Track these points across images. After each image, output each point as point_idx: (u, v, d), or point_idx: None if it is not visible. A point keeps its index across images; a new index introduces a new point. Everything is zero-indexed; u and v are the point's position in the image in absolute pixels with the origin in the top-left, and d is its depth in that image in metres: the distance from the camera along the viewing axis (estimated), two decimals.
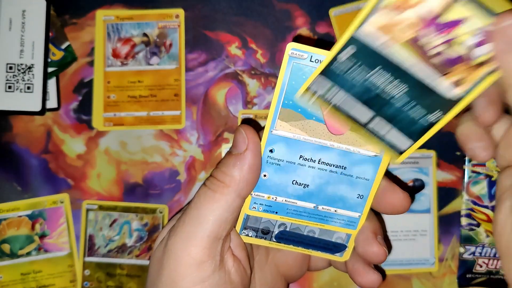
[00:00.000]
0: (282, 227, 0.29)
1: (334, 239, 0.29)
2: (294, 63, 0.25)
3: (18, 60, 0.42)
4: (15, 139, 0.43)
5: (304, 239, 0.29)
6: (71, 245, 0.42)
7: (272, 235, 0.29)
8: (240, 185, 0.27)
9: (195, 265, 0.26)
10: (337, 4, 0.43)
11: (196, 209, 0.27)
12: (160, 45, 0.43)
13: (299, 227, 0.29)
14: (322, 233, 0.29)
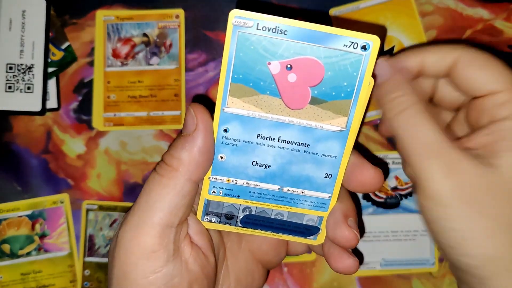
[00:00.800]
0: (247, 211, 0.27)
1: (305, 222, 0.27)
2: (239, 32, 0.23)
3: (18, 60, 0.42)
4: (15, 139, 0.43)
5: (272, 222, 0.27)
6: (71, 245, 0.42)
7: (237, 220, 0.27)
8: (190, 168, 0.25)
9: (146, 255, 0.24)
10: (337, 4, 0.43)
11: (144, 196, 0.25)
12: (160, 45, 0.43)
13: (265, 210, 0.27)
14: (292, 215, 0.27)
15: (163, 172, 0.25)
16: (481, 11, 0.43)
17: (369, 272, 0.42)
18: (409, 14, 0.43)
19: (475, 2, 0.43)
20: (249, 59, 0.23)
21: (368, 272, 0.42)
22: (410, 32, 0.43)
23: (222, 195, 0.27)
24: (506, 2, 0.43)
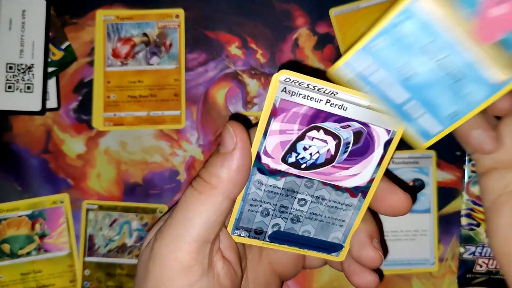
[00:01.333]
0: (276, 227, 0.28)
1: (330, 239, 0.29)
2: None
3: (18, 60, 0.42)
4: (15, 139, 0.43)
5: (299, 239, 0.29)
6: (71, 245, 0.42)
7: (265, 235, 0.29)
8: (228, 187, 0.25)
9: (182, 270, 0.25)
10: (337, 4, 0.43)
11: (182, 211, 0.26)
12: (160, 45, 0.43)
13: (294, 227, 0.28)
14: (318, 232, 0.29)
15: (202, 189, 0.25)
16: None
17: None
18: None
19: None
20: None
21: None
22: None
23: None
24: None
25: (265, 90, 0.43)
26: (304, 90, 0.24)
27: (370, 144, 0.26)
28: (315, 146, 0.26)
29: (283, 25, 0.43)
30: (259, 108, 0.43)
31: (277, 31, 0.43)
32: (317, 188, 0.27)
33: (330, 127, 0.25)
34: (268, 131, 0.25)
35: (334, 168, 0.26)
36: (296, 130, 0.25)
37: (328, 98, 0.24)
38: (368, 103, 0.25)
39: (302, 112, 0.25)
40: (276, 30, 0.43)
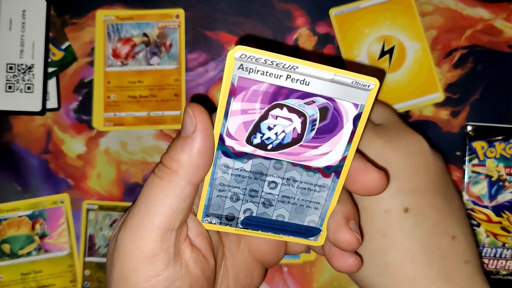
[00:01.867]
0: (247, 212, 0.27)
1: (306, 223, 0.27)
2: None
3: (18, 60, 0.42)
4: (15, 139, 0.43)
5: (273, 223, 0.27)
6: (71, 245, 0.42)
7: (237, 221, 0.27)
8: (190, 171, 0.24)
9: (146, 259, 0.24)
10: (337, 4, 0.43)
11: (144, 199, 0.25)
12: (160, 45, 0.43)
13: (266, 212, 0.27)
14: (292, 216, 0.27)
15: (163, 175, 0.25)
16: (481, 11, 0.43)
17: None
18: (409, 14, 0.43)
19: (475, 2, 0.43)
20: None
21: None
22: (410, 32, 0.43)
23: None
24: (506, 2, 0.43)
25: None
26: (262, 66, 0.23)
27: (338, 120, 0.25)
28: (280, 125, 0.24)
29: (283, 25, 0.43)
30: None
31: (277, 31, 0.43)
32: (287, 169, 0.26)
33: (294, 104, 0.24)
34: (229, 111, 0.24)
35: (303, 147, 0.25)
36: (258, 109, 0.24)
37: (288, 73, 0.23)
38: (332, 76, 0.23)
39: (262, 90, 0.24)
40: (276, 30, 0.43)
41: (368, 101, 0.24)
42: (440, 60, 0.43)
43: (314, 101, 0.24)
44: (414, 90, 0.43)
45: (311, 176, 0.26)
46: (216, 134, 0.25)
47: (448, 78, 0.43)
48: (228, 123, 0.24)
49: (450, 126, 0.43)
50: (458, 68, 0.43)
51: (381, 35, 0.43)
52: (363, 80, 0.23)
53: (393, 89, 0.43)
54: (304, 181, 0.26)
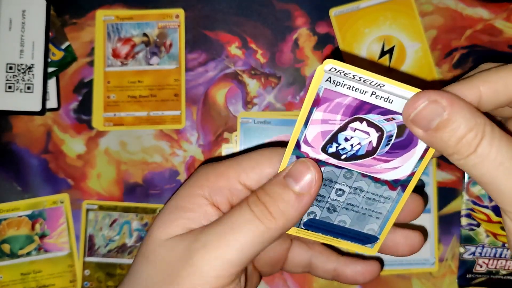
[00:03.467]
0: (311, 215, 0.28)
1: (365, 231, 0.29)
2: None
3: (18, 60, 0.42)
4: (15, 139, 0.43)
5: (334, 228, 0.28)
6: (71, 245, 0.42)
7: (300, 222, 0.28)
8: (289, 225, 0.25)
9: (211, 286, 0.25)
10: (337, 4, 0.43)
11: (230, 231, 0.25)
12: (160, 45, 0.43)
13: (329, 216, 0.28)
14: (353, 223, 0.28)
15: (264, 220, 0.25)
16: (481, 11, 0.43)
17: None
18: (409, 14, 0.43)
19: (475, 2, 0.43)
20: None
21: None
22: (410, 32, 0.43)
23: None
24: (506, 2, 0.43)
25: (265, 90, 0.43)
26: (350, 81, 0.24)
27: (413, 137, 0.25)
28: (357, 138, 0.25)
29: (283, 25, 0.43)
30: (259, 108, 0.43)
31: (277, 31, 0.43)
32: (356, 179, 0.27)
33: (374, 119, 0.25)
34: (310, 120, 0.25)
35: (375, 160, 0.26)
36: (338, 120, 0.25)
37: (374, 90, 0.24)
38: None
39: (346, 103, 0.24)
40: (276, 30, 0.43)
41: None
42: (440, 60, 0.43)
43: (394, 118, 0.25)
44: None
45: (378, 188, 0.27)
46: (294, 139, 0.26)
47: (448, 78, 0.43)
48: (307, 130, 0.25)
49: None
50: (458, 68, 0.43)
51: (381, 35, 0.43)
52: None
53: None
54: (371, 192, 0.27)
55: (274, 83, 0.43)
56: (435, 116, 0.23)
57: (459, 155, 0.23)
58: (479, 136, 0.22)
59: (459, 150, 0.23)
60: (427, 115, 0.23)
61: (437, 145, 0.24)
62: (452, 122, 0.23)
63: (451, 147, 0.23)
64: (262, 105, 0.43)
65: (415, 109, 0.23)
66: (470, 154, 0.23)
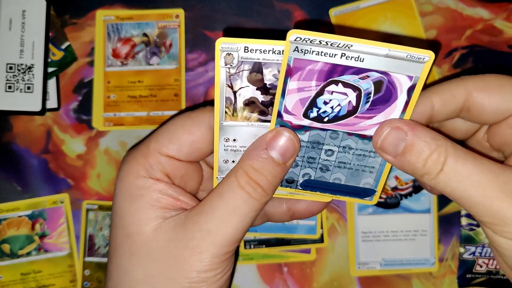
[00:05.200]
0: (306, 176, 0.29)
1: (361, 185, 0.29)
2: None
3: (18, 60, 0.42)
4: (15, 139, 0.43)
5: (330, 186, 0.29)
6: (71, 245, 0.42)
7: (297, 183, 0.29)
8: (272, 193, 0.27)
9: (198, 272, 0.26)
10: (337, 4, 0.43)
11: (233, 216, 0.26)
12: (160, 45, 0.43)
13: (324, 176, 0.29)
14: (348, 179, 0.29)
15: (257, 196, 0.26)
16: (481, 11, 0.43)
17: (369, 272, 0.42)
18: (409, 14, 0.43)
19: (475, 2, 0.43)
20: None
21: (368, 272, 0.42)
22: (410, 32, 0.43)
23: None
24: (506, 2, 0.43)
25: None
26: (317, 47, 0.24)
27: (392, 92, 0.26)
28: (336, 100, 0.26)
29: (283, 25, 0.43)
30: None
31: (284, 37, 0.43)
32: (343, 138, 0.27)
33: (349, 80, 0.25)
34: (286, 90, 0.25)
35: (358, 118, 0.26)
36: (314, 86, 0.25)
37: (343, 52, 0.24)
38: (386, 52, 0.24)
39: (317, 69, 0.25)
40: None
41: (423, 73, 0.25)
42: (440, 60, 0.43)
43: (369, 76, 0.25)
44: None
45: (366, 144, 0.28)
46: (275, 111, 0.26)
47: (448, 78, 0.43)
48: (285, 101, 0.26)
49: None
50: (458, 68, 0.43)
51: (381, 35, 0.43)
52: (418, 53, 0.24)
53: None
54: (359, 148, 0.28)
55: None
56: (399, 141, 0.25)
57: (429, 175, 0.25)
58: (443, 155, 0.24)
59: (427, 170, 0.25)
60: (392, 141, 0.25)
61: (408, 169, 0.26)
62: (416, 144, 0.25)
63: (419, 169, 0.25)
64: None
65: (380, 136, 0.26)
66: (439, 173, 0.25)
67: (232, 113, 0.27)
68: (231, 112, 0.27)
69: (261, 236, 0.42)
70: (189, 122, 0.28)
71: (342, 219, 0.43)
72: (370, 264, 0.42)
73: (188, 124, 0.28)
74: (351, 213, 0.42)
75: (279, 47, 0.25)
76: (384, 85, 0.25)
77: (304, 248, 0.42)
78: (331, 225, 0.42)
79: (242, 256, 0.43)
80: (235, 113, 0.27)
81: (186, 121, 0.28)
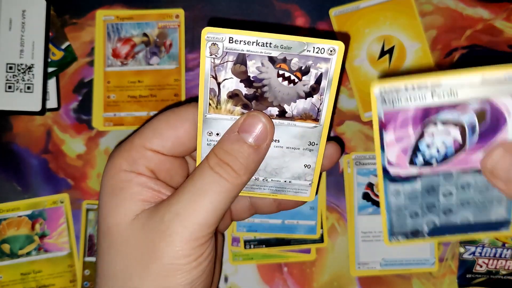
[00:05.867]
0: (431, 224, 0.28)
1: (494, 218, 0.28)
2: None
3: (18, 60, 0.42)
4: (15, 139, 0.43)
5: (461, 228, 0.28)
6: (71, 245, 0.42)
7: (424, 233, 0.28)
8: (250, 177, 0.27)
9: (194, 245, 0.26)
10: (337, 4, 0.43)
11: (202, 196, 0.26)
12: (160, 45, 0.43)
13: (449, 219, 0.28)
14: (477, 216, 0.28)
15: (229, 178, 0.26)
16: (481, 11, 0.43)
17: (369, 272, 0.42)
18: (409, 14, 0.43)
19: (475, 2, 0.43)
20: None
21: (368, 272, 0.42)
22: (410, 32, 0.43)
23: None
24: (506, 2, 0.43)
25: None
26: (404, 93, 0.23)
27: (499, 117, 0.24)
28: (439, 141, 0.25)
29: (283, 25, 0.43)
30: None
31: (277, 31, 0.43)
32: (458, 177, 0.26)
33: (447, 117, 0.24)
34: (384, 144, 0.25)
35: (469, 153, 0.25)
36: (411, 133, 0.25)
37: (432, 90, 0.23)
38: (480, 78, 0.23)
39: (411, 115, 0.24)
40: (276, 30, 0.43)
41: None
42: (440, 60, 0.43)
43: (468, 107, 0.24)
44: None
45: None
46: (379, 167, 0.26)
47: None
48: (386, 154, 0.25)
49: None
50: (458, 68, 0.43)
51: (381, 35, 0.43)
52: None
53: None
54: (479, 183, 0.27)
55: None
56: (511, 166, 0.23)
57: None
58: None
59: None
60: (505, 166, 0.24)
61: None
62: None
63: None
64: None
65: (491, 159, 0.24)
66: None
67: (216, 105, 0.27)
68: (215, 104, 0.27)
69: (261, 236, 0.42)
70: (173, 117, 0.28)
71: (342, 219, 0.43)
72: (370, 264, 0.42)
73: (173, 119, 0.28)
74: (351, 213, 0.42)
75: (264, 39, 0.25)
76: (488, 113, 0.24)
77: (304, 248, 0.42)
78: (331, 225, 0.42)
79: (242, 256, 0.43)
80: (218, 105, 0.27)
81: (171, 116, 0.28)
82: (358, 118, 0.43)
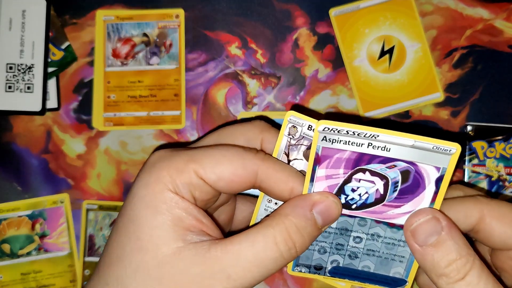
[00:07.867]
0: (334, 263, 0.29)
1: (392, 274, 0.29)
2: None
3: (18, 60, 0.42)
4: (15, 139, 0.43)
5: (360, 273, 0.29)
6: (71, 245, 0.42)
7: (325, 270, 0.29)
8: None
9: None
10: (337, 4, 0.43)
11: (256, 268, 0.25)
12: (160, 45, 0.43)
13: (352, 263, 0.29)
14: (378, 268, 0.29)
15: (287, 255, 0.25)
16: (481, 11, 0.43)
17: None
18: (409, 14, 0.43)
19: (475, 2, 0.43)
20: None
21: None
22: (410, 32, 0.43)
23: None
24: (506, 2, 0.43)
25: (265, 90, 0.43)
26: (344, 137, 0.25)
27: (420, 182, 0.26)
28: (363, 187, 0.26)
29: (283, 25, 0.43)
30: (259, 108, 0.43)
31: (277, 31, 0.43)
32: (371, 226, 0.27)
33: (376, 168, 0.26)
34: (315, 177, 0.26)
35: (386, 206, 0.27)
36: (341, 174, 0.26)
37: (370, 142, 0.25)
38: (412, 143, 0.25)
39: (345, 157, 0.25)
40: (276, 30, 0.43)
41: (450, 164, 0.25)
42: (440, 60, 0.43)
43: (396, 165, 0.25)
44: (414, 90, 0.43)
45: (395, 233, 0.27)
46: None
47: (448, 78, 0.43)
48: (314, 187, 0.26)
49: (450, 126, 0.43)
50: (458, 68, 0.43)
51: (381, 35, 0.43)
52: (445, 145, 0.25)
53: (393, 89, 0.43)
54: (388, 237, 0.28)
55: (274, 83, 0.43)
56: (433, 232, 0.25)
57: (448, 278, 0.24)
58: (468, 265, 0.24)
59: (448, 273, 0.24)
60: (426, 229, 0.25)
61: (428, 264, 0.25)
62: (447, 242, 0.24)
63: (441, 268, 0.24)
64: (262, 105, 0.43)
65: (416, 221, 0.25)
66: (459, 280, 0.24)
67: None
68: None
69: None
70: (239, 161, 0.27)
71: None
72: None
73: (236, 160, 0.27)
74: None
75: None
76: (411, 175, 0.25)
77: None
78: None
79: None
80: None
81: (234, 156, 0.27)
82: None
